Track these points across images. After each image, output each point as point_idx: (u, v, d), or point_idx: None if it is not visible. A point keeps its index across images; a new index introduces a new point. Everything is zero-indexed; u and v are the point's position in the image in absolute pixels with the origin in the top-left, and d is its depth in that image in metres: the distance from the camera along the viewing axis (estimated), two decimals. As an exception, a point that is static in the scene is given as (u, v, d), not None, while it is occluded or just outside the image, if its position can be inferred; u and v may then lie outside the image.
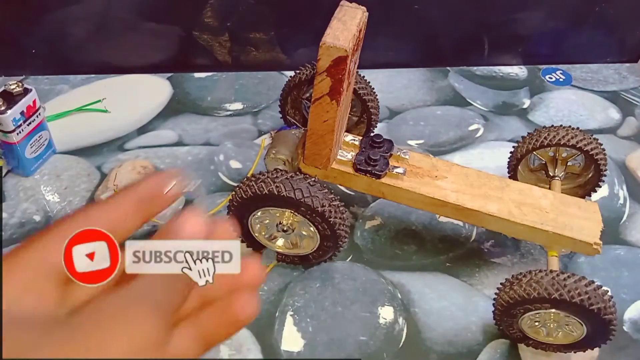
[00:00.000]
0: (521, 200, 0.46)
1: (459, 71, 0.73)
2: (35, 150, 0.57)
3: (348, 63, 0.35)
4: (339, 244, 0.48)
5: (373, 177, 0.45)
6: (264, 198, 0.43)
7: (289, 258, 0.50)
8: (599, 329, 0.43)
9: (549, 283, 0.41)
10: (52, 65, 0.70)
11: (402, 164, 0.47)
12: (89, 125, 0.64)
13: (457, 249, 0.55)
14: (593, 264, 0.53)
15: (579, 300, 0.40)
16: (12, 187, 0.57)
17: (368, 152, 0.45)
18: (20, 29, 0.66)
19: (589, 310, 0.41)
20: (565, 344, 0.46)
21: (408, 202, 0.46)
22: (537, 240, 0.46)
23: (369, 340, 0.48)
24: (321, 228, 0.45)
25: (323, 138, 0.42)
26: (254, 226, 0.47)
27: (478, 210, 0.45)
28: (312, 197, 0.43)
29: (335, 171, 0.46)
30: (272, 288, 0.51)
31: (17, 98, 0.53)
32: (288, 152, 0.47)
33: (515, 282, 0.42)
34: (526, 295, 0.41)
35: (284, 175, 0.43)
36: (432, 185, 0.46)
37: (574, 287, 0.40)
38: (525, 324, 0.45)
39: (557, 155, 0.53)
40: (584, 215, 0.46)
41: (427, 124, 0.67)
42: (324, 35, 0.33)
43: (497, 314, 0.45)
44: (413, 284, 0.52)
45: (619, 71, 0.76)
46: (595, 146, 0.51)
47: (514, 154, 0.54)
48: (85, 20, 0.67)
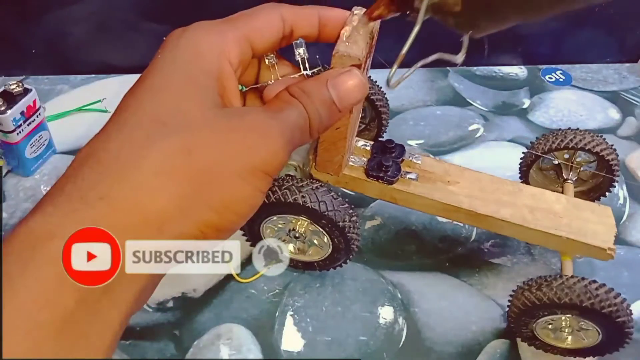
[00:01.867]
0: (534, 205, 0.46)
1: (459, 71, 0.73)
2: (36, 150, 0.57)
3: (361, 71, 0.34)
4: (349, 257, 0.48)
5: (385, 183, 0.45)
6: (287, 205, 0.43)
7: (292, 261, 0.50)
8: (614, 340, 0.43)
9: (582, 291, 0.41)
10: (52, 65, 0.70)
11: (414, 169, 0.46)
12: (89, 125, 0.64)
13: (457, 249, 0.55)
14: (593, 264, 0.53)
15: (608, 312, 0.41)
16: (12, 187, 0.57)
17: (380, 158, 0.45)
18: (20, 29, 0.66)
19: (614, 323, 0.41)
20: (573, 348, 0.46)
21: (420, 208, 0.46)
22: (551, 246, 0.46)
23: (369, 340, 0.48)
24: (337, 241, 0.46)
25: (335, 145, 0.42)
26: (265, 229, 0.48)
27: (491, 216, 0.45)
28: (335, 211, 0.43)
29: (347, 177, 0.45)
30: (272, 288, 0.51)
31: (17, 98, 0.53)
32: (299, 157, 0.47)
33: (544, 284, 0.42)
34: (557, 299, 0.41)
35: (309, 185, 0.43)
36: (444, 190, 0.45)
37: (604, 298, 0.41)
38: (539, 326, 0.45)
39: (572, 159, 0.53)
40: (597, 219, 0.46)
41: (427, 124, 0.67)
42: (337, 44, 0.33)
43: (517, 312, 0.44)
44: (413, 284, 0.52)
45: (619, 71, 0.76)
46: (614, 157, 0.51)
47: (530, 152, 0.54)
48: (85, 20, 0.67)
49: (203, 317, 0.48)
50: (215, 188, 0.25)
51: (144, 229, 0.23)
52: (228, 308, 0.49)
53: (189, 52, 0.27)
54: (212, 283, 0.51)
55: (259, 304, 0.49)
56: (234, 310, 0.49)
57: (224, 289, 0.50)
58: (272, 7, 0.31)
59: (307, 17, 0.31)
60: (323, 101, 0.29)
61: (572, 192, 0.52)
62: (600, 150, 0.50)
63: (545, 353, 0.47)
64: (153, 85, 0.26)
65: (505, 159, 0.63)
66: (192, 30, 0.28)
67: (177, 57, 0.27)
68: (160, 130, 0.24)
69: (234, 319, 0.48)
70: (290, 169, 0.48)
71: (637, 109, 0.71)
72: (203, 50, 0.27)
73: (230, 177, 0.25)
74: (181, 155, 0.24)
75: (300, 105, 0.28)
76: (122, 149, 0.24)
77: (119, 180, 0.23)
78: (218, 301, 0.50)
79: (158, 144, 0.24)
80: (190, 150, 0.24)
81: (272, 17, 0.30)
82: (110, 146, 0.24)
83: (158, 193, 0.23)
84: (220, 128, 0.25)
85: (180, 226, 0.24)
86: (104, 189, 0.23)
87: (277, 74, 0.33)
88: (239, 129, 0.26)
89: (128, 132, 0.25)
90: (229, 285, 0.51)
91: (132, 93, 0.26)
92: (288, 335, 0.48)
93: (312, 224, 0.45)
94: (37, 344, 0.20)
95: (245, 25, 0.29)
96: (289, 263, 0.51)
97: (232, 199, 0.25)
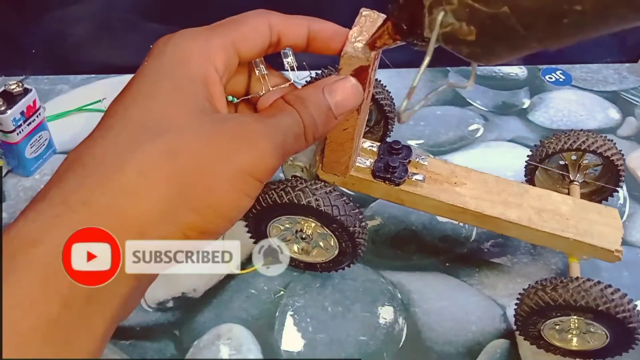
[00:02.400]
0: (541, 206, 0.46)
1: (459, 71, 0.74)
2: (36, 150, 0.57)
3: (369, 72, 0.34)
4: (353, 261, 0.49)
5: (392, 185, 0.45)
6: (299, 207, 0.43)
7: (294, 261, 0.50)
8: (620, 344, 0.43)
9: (598, 294, 0.41)
10: (52, 65, 0.70)
11: (421, 170, 0.46)
12: (89, 125, 0.64)
13: (457, 249, 0.55)
14: (594, 264, 0.53)
15: (622, 317, 0.41)
16: (12, 187, 0.57)
17: (387, 159, 0.45)
18: (20, 29, 0.66)
19: (627, 328, 0.41)
20: (576, 350, 0.46)
21: (427, 209, 0.46)
22: (558, 247, 0.46)
23: (369, 340, 0.48)
24: (345, 245, 0.46)
25: (342, 146, 0.42)
26: (271, 229, 0.48)
27: (498, 218, 0.44)
28: (347, 215, 0.44)
29: (354, 178, 0.45)
30: (272, 288, 0.51)
31: (17, 98, 0.53)
32: (306, 159, 0.47)
33: (559, 285, 0.42)
34: (572, 301, 0.41)
35: (323, 188, 0.43)
36: (451, 192, 0.45)
37: (619, 303, 0.41)
38: (547, 326, 0.45)
39: (580, 160, 0.53)
40: (604, 221, 0.46)
41: (427, 124, 0.67)
42: (345, 45, 0.33)
43: (528, 311, 0.44)
44: (413, 284, 0.52)
45: (619, 71, 0.76)
46: (622, 162, 0.51)
47: (537, 153, 0.54)
48: (85, 20, 0.67)
49: (203, 317, 0.48)
50: (199, 191, 0.25)
51: (126, 233, 0.23)
52: (228, 308, 0.49)
53: (175, 58, 0.27)
54: (212, 283, 0.51)
55: (259, 304, 0.49)
56: (234, 310, 0.49)
57: (224, 289, 0.50)
58: (260, 14, 0.31)
59: (296, 27, 0.32)
60: (319, 107, 0.29)
61: (578, 193, 0.52)
62: (610, 155, 0.50)
63: (546, 353, 0.47)
64: (139, 92, 0.26)
65: (505, 159, 0.63)
66: (178, 37, 0.28)
67: (163, 64, 0.27)
68: (145, 134, 0.24)
69: (234, 319, 0.49)
70: (297, 170, 0.48)
71: (637, 109, 0.71)
72: (189, 57, 0.27)
73: (215, 180, 0.25)
74: (165, 158, 0.24)
75: (295, 112, 0.28)
76: (106, 154, 0.24)
77: (102, 184, 0.23)
78: (218, 301, 0.50)
79: (142, 148, 0.24)
80: (175, 154, 0.24)
81: (259, 25, 0.30)
82: (95, 151, 0.24)
83: (141, 196, 0.23)
84: (205, 132, 0.25)
85: (163, 229, 0.24)
86: (86, 194, 0.23)
87: (268, 85, 0.33)
88: (225, 132, 0.26)
89: (113, 137, 0.25)
90: (229, 285, 0.51)
91: (118, 100, 0.26)
92: (288, 335, 0.48)
93: (321, 227, 0.45)
94: (22, 350, 0.20)
95: (231, 32, 0.29)
96: (290, 262, 0.51)
97: (216, 202, 0.25)
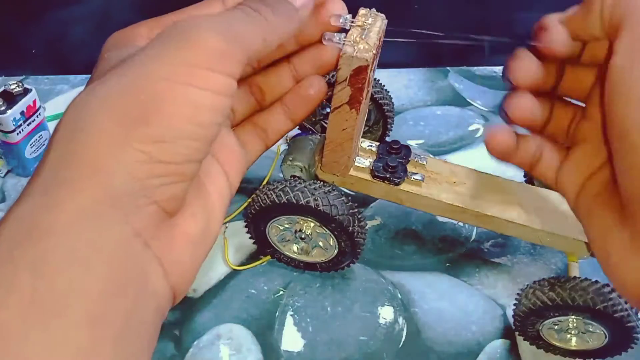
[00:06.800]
0: (540, 205, 0.46)
1: (459, 71, 0.73)
2: (36, 150, 0.57)
3: (368, 72, 0.34)
4: (353, 261, 0.49)
5: (391, 184, 0.45)
6: (298, 207, 0.44)
7: (294, 261, 0.50)
8: (619, 344, 0.43)
9: (596, 293, 0.41)
10: (52, 65, 0.70)
11: (420, 170, 0.46)
12: (89, 125, 0.64)
13: (457, 249, 0.55)
14: (594, 264, 0.53)
15: (619, 316, 0.41)
16: (12, 187, 0.57)
17: (386, 159, 0.45)
18: (20, 29, 0.66)
19: (624, 327, 0.41)
20: (576, 350, 0.46)
21: (427, 209, 0.46)
22: (557, 247, 0.46)
23: (369, 340, 0.48)
24: (344, 245, 0.46)
25: (341, 146, 0.42)
26: (270, 229, 0.48)
27: (497, 217, 0.44)
28: (346, 215, 0.44)
29: (353, 178, 0.45)
30: (272, 288, 0.51)
31: (17, 98, 0.53)
32: (305, 158, 0.47)
33: (557, 285, 0.42)
34: (570, 300, 0.41)
35: (322, 188, 0.44)
36: (450, 191, 0.45)
37: (617, 302, 0.41)
38: (546, 326, 0.45)
39: None
40: None
41: (427, 124, 0.67)
42: (344, 45, 0.33)
43: (525, 312, 0.44)
44: (413, 284, 0.52)
45: (619, 71, 0.76)
46: None
47: None
48: (85, 20, 0.67)
49: (203, 317, 0.48)
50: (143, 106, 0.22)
51: None
52: (228, 308, 0.49)
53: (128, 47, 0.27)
54: (212, 283, 0.51)
55: (259, 304, 0.50)
56: (234, 310, 0.49)
57: (224, 289, 0.50)
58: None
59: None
60: None
61: None
62: None
63: (546, 353, 0.47)
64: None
65: (505, 159, 0.62)
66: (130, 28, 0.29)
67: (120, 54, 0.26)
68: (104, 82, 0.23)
69: (234, 319, 0.49)
70: (296, 170, 0.48)
71: (637, 109, 0.71)
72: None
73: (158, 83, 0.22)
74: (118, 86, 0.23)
75: (246, 7, 0.26)
76: None
77: None
78: (218, 301, 0.50)
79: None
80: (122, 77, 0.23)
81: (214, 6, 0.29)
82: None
83: None
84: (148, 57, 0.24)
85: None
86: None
87: None
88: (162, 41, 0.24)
89: None
90: (229, 285, 0.51)
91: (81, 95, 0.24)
92: (288, 335, 0.48)
93: (321, 227, 0.45)
94: None
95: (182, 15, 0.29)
96: (290, 263, 0.51)
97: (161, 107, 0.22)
